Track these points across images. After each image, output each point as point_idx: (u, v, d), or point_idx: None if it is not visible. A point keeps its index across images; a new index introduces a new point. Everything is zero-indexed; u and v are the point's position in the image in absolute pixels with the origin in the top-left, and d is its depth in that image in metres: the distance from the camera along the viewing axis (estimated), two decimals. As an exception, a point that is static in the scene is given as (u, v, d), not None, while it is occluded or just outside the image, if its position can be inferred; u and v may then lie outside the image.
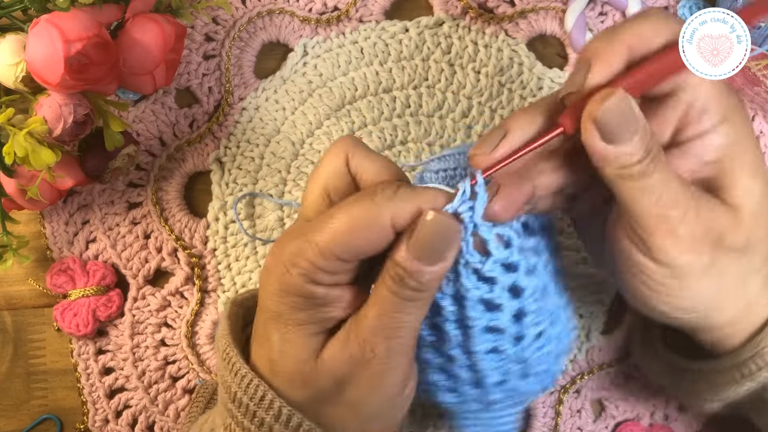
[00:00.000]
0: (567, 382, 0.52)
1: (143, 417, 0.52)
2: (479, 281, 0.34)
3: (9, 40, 0.43)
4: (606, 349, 0.52)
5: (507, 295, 0.35)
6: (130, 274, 0.53)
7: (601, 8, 0.54)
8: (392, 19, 0.55)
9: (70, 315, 0.51)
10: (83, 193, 0.54)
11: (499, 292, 0.34)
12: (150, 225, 0.53)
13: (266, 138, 0.54)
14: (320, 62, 0.54)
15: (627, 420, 0.52)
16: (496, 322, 0.35)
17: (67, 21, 0.41)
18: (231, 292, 0.53)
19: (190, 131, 0.54)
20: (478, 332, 0.35)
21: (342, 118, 0.54)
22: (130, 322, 0.53)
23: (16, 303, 0.54)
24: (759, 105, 0.52)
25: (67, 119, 0.43)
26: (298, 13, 0.55)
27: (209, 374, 0.52)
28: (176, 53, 0.49)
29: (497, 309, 0.35)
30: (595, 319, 0.52)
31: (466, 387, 0.38)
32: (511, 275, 0.34)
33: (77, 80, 0.42)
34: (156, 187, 0.53)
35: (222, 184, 0.53)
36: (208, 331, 0.52)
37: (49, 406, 0.53)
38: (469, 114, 0.53)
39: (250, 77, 0.55)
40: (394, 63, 0.54)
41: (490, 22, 0.54)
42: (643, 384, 0.51)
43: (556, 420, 0.51)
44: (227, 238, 0.53)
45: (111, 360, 0.53)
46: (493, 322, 0.35)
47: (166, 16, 0.47)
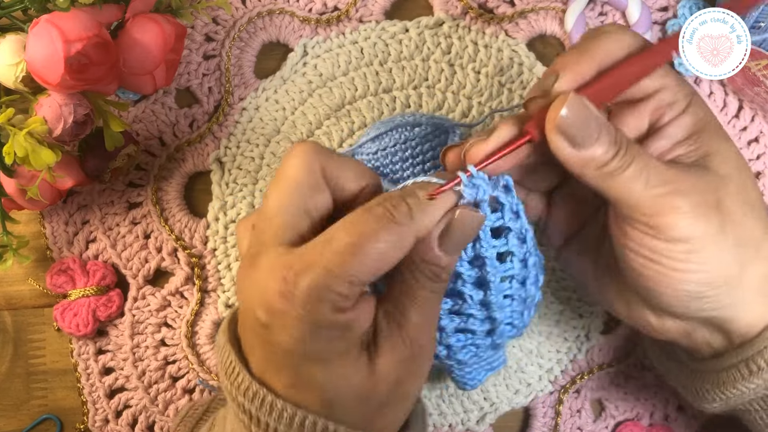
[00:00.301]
0: (567, 382, 0.52)
1: (143, 417, 0.52)
2: (494, 238, 0.36)
3: (9, 40, 0.43)
4: (606, 349, 0.52)
5: (517, 242, 0.37)
6: (130, 274, 0.53)
7: (601, 8, 0.54)
8: (392, 19, 0.55)
9: (70, 315, 0.51)
10: (83, 193, 0.54)
11: (512, 240, 0.37)
12: (150, 225, 0.53)
13: (266, 138, 0.54)
14: (320, 62, 0.54)
15: (627, 420, 0.52)
16: (511, 271, 0.37)
17: (67, 21, 0.41)
18: (231, 292, 0.53)
19: (190, 131, 0.54)
20: (496, 284, 0.37)
21: (342, 118, 0.54)
22: (130, 322, 0.53)
23: (16, 303, 0.54)
24: (759, 105, 0.52)
25: (67, 119, 0.43)
26: (298, 13, 0.55)
27: (209, 374, 0.52)
28: (176, 53, 0.49)
29: (510, 258, 0.37)
30: (595, 319, 0.52)
31: (481, 339, 0.40)
32: (519, 221, 0.37)
33: (77, 80, 0.42)
34: (156, 187, 0.53)
35: (222, 184, 0.53)
36: (208, 331, 0.52)
37: (49, 406, 0.53)
38: (469, 114, 0.53)
39: (250, 77, 0.55)
40: (394, 63, 0.54)
41: (490, 22, 0.54)
42: (642, 384, 0.51)
43: (556, 420, 0.51)
44: (227, 238, 0.53)
45: (111, 360, 0.53)
46: (509, 271, 0.37)
47: (166, 16, 0.47)
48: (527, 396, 0.51)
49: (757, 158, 0.53)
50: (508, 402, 0.51)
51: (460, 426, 0.51)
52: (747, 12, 0.36)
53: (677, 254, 0.35)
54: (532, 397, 0.52)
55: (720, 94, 0.53)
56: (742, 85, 0.51)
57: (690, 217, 0.34)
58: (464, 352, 0.40)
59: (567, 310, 0.51)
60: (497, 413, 0.52)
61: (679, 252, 0.35)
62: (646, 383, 0.51)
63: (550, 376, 0.52)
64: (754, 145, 0.53)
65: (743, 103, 0.53)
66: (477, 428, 0.51)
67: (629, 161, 0.34)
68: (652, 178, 0.34)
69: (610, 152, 0.34)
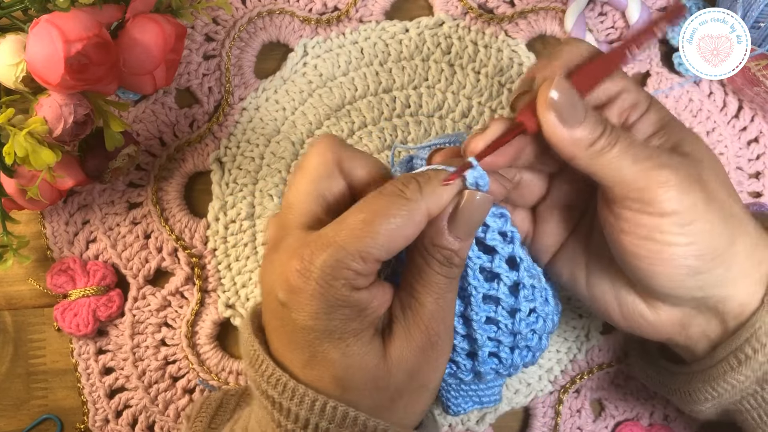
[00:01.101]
0: (567, 382, 0.52)
1: (143, 417, 0.52)
2: (480, 251, 0.38)
3: (9, 41, 0.44)
4: (606, 349, 0.52)
5: (505, 266, 0.38)
6: (130, 274, 0.53)
7: (601, 8, 0.54)
8: (392, 19, 0.55)
9: (70, 315, 0.51)
10: (83, 193, 0.54)
11: (498, 262, 0.38)
12: (150, 225, 0.53)
13: (266, 138, 0.54)
14: (320, 62, 0.54)
15: (626, 420, 0.52)
16: (495, 292, 0.38)
17: (67, 21, 0.41)
18: (231, 292, 0.53)
19: (190, 131, 0.54)
20: (478, 301, 0.38)
21: (342, 118, 0.54)
22: (130, 322, 0.53)
23: (16, 303, 0.54)
24: (759, 105, 0.52)
25: (68, 119, 0.43)
26: (298, 13, 0.55)
27: (209, 374, 0.52)
28: (176, 53, 0.49)
29: (497, 279, 0.38)
30: (595, 319, 0.52)
31: (461, 358, 0.40)
32: (509, 246, 0.38)
33: (77, 80, 0.42)
34: (156, 187, 0.53)
35: (222, 184, 0.53)
36: (208, 331, 0.52)
37: (49, 406, 0.53)
38: (469, 114, 0.53)
39: (250, 77, 0.55)
40: (394, 63, 0.54)
41: (490, 22, 0.54)
42: (642, 384, 0.51)
43: (555, 420, 0.51)
44: (227, 238, 0.53)
45: (111, 360, 0.53)
46: (492, 292, 0.38)
47: (166, 16, 0.47)
48: (527, 396, 0.51)
49: (757, 158, 0.53)
50: (508, 402, 0.51)
51: (460, 426, 0.51)
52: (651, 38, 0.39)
53: (669, 227, 0.36)
54: (531, 397, 0.52)
55: (720, 94, 0.53)
56: (742, 85, 0.51)
57: (678, 190, 0.35)
58: None
59: (567, 310, 0.52)
60: (497, 413, 0.52)
61: (671, 225, 0.36)
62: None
63: (549, 375, 0.52)
64: (753, 145, 0.53)
65: (743, 103, 0.53)
66: (477, 428, 0.51)
67: (615, 139, 0.36)
68: (638, 153, 0.36)
69: (597, 130, 0.35)
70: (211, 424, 0.45)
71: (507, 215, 0.38)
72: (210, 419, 0.45)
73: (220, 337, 0.53)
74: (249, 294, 0.53)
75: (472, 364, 0.40)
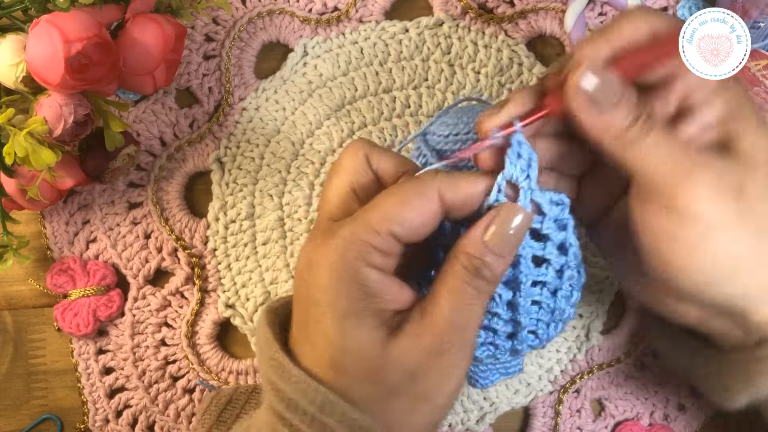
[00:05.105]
0: (567, 382, 0.52)
1: (143, 417, 0.52)
2: (533, 240, 0.36)
3: (9, 41, 0.44)
4: (606, 349, 0.52)
5: (556, 251, 0.37)
6: (130, 274, 0.53)
7: (601, 8, 0.54)
8: (392, 19, 0.55)
9: (70, 315, 0.51)
10: (83, 193, 0.54)
11: (550, 248, 0.37)
12: (150, 225, 0.53)
13: (266, 138, 0.54)
14: (320, 62, 0.54)
15: (627, 420, 0.52)
16: (543, 277, 0.37)
17: (67, 21, 0.41)
18: (231, 292, 0.53)
19: (190, 131, 0.54)
20: (527, 287, 0.37)
21: (342, 118, 0.54)
22: (130, 322, 0.53)
23: (16, 303, 0.54)
24: (759, 105, 0.52)
25: (68, 119, 0.43)
26: (298, 13, 0.55)
27: (209, 374, 0.52)
28: (176, 53, 0.49)
29: (546, 264, 0.37)
30: (595, 319, 0.52)
31: (502, 341, 0.40)
32: (562, 233, 0.37)
33: (77, 80, 0.42)
34: (156, 187, 0.53)
35: (222, 184, 0.53)
36: (209, 331, 0.52)
37: (49, 406, 0.53)
38: (469, 114, 0.53)
39: (250, 77, 0.55)
40: (394, 63, 0.54)
41: (489, 22, 0.54)
42: (642, 384, 0.51)
43: (555, 420, 0.51)
44: (227, 238, 0.53)
45: (111, 360, 0.53)
46: (541, 277, 0.37)
47: (166, 16, 0.47)
48: (527, 396, 0.51)
49: (757, 158, 0.53)
50: (508, 402, 0.51)
51: (460, 426, 0.51)
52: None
53: (692, 234, 0.34)
54: (531, 397, 0.52)
55: (720, 94, 0.53)
56: (742, 85, 0.51)
57: (707, 196, 0.33)
58: (482, 349, 0.40)
59: (567, 310, 0.52)
60: (497, 413, 0.52)
61: (695, 232, 0.34)
62: (646, 383, 0.51)
63: (549, 375, 0.52)
64: (753, 145, 0.53)
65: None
66: (477, 428, 0.51)
67: (648, 130, 0.33)
68: (671, 150, 0.33)
69: (630, 118, 0.33)
70: (219, 418, 0.45)
71: (565, 202, 0.36)
72: (219, 413, 0.45)
73: (220, 337, 0.53)
74: (249, 294, 0.53)
75: (512, 344, 0.40)
